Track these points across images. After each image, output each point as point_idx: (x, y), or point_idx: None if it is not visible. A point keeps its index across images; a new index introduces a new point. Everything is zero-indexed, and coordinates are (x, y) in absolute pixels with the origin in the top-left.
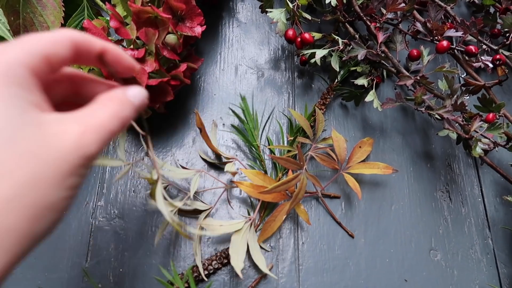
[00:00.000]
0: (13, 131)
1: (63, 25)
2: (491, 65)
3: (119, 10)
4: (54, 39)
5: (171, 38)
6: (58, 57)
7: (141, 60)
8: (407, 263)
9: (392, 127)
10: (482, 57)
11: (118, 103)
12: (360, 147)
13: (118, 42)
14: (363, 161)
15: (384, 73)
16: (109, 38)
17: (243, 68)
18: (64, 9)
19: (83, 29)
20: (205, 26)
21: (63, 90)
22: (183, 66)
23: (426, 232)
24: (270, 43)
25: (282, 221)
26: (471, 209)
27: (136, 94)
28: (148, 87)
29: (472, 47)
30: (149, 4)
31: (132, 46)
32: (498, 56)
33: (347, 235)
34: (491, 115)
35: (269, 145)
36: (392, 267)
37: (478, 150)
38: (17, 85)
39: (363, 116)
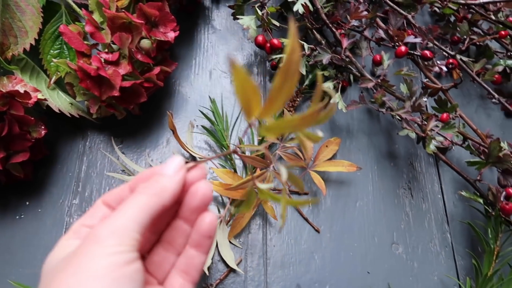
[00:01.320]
0: None
1: (41, 30)
2: (445, 69)
3: (96, 16)
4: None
5: (145, 43)
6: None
7: (115, 63)
8: (370, 256)
9: (358, 128)
10: (438, 62)
11: None
12: (326, 146)
13: (93, 46)
14: (330, 159)
15: (351, 77)
16: (85, 42)
17: (217, 73)
18: (42, 14)
19: (59, 34)
20: (178, 32)
21: None
22: (156, 69)
23: (389, 227)
24: (243, 49)
25: (250, 217)
26: (431, 205)
27: (171, 167)
28: (121, 89)
29: (427, 52)
30: (123, 10)
31: (107, 50)
32: (451, 61)
33: (313, 230)
34: (445, 115)
35: (240, 144)
36: (356, 260)
37: (431, 147)
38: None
39: (331, 118)
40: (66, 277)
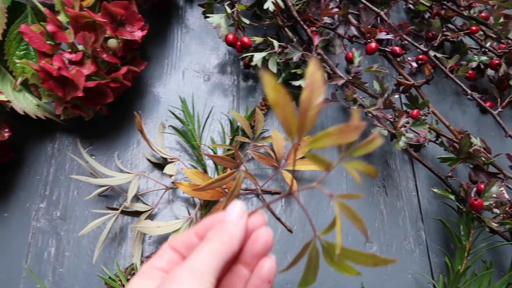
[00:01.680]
0: None
1: (5, 31)
2: (415, 65)
3: (62, 16)
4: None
5: (112, 42)
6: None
7: (79, 63)
8: None
9: (332, 126)
10: (409, 58)
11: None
12: (299, 145)
13: (57, 46)
14: (302, 158)
15: (325, 76)
16: (48, 42)
17: (190, 72)
18: (7, 15)
19: (21, 34)
20: (146, 31)
21: None
22: (123, 69)
23: None
24: (217, 48)
25: None
26: (405, 203)
27: (234, 213)
28: (86, 89)
29: (397, 48)
30: (86, 9)
31: (70, 50)
32: (420, 57)
33: (286, 230)
34: (415, 111)
35: (213, 147)
36: None
37: (401, 144)
38: None
39: None
40: None
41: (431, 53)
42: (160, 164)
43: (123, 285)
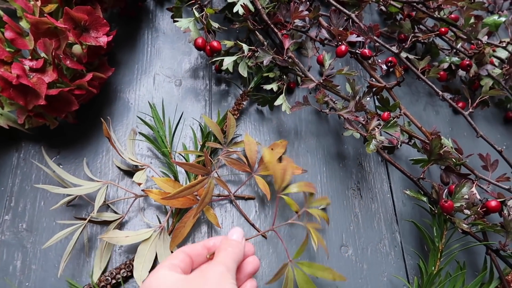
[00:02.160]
0: None
1: None
2: (385, 67)
3: (24, 23)
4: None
5: (76, 49)
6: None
7: (41, 71)
8: (318, 259)
9: (307, 129)
10: (379, 60)
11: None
12: (272, 149)
13: (16, 53)
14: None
15: (298, 79)
16: (7, 49)
17: (160, 77)
18: None
19: None
20: (111, 36)
21: None
22: (88, 76)
23: (338, 229)
24: (189, 53)
25: (191, 226)
26: (380, 205)
27: (235, 235)
28: (49, 97)
29: (366, 51)
30: (46, 15)
31: (30, 57)
32: (390, 59)
33: (261, 236)
34: (385, 114)
35: (185, 153)
36: None
37: (371, 147)
38: None
39: (279, 120)
40: None
41: (403, 54)
42: (131, 172)
43: None
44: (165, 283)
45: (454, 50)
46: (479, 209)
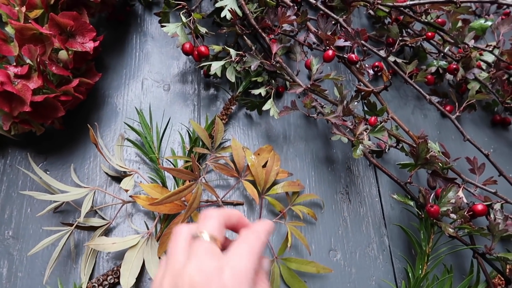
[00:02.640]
0: None
1: None
2: (372, 72)
3: (9, 29)
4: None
5: (62, 54)
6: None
7: (26, 77)
8: (307, 258)
9: (295, 134)
10: (366, 65)
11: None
12: (258, 154)
13: (0, 59)
14: (262, 167)
15: (287, 83)
16: None
17: (149, 82)
18: None
19: None
20: (98, 42)
21: None
22: (75, 82)
23: (326, 233)
24: (178, 57)
25: None
26: (369, 209)
27: (261, 229)
28: (34, 104)
29: (353, 56)
30: (31, 21)
31: (15, 63)
32: (376, 63)
33: None
34: (372, 118)
35: (173, 159)
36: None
37: (358, 152)
38: None
39: (267, 124)
40: None
41: (391, 58)
42: (119, 177)
43: None
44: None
45: (442, 54)
46: (465, 212)
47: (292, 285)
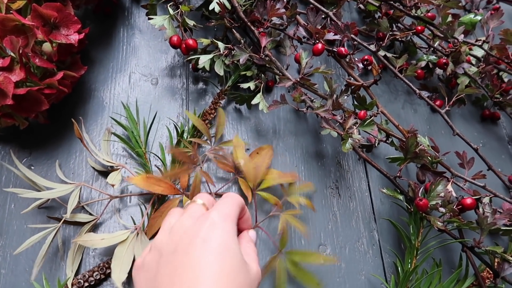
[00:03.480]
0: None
1: None
2: (361, 66)
3: None
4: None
5: (46, 47)
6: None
7: (8, 69)
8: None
9: (285, 128)
10: (356, 59)
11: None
12: (257, 153)
13: None
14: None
15: (277, 77)
16: None
17: (136, 76)
18: None
19: None
20: (83, 34)
21: None
22: (59, 75)
23: (316, 228)
24: (166, 51)
25: None
26: (359, 203)
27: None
28: (16, 97)
29: (342, 49)
30: (12, 12)
31: None
32: (366, 57)
33: None
34: (362, 112)
35: (161, 151)
36: None
37: (347, 145)
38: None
39: (257, 119)
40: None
41: (381, 53)
42: (106, 172)
43: None
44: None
45: (432, 49)
46: (454, 206)
47: (301, 277)
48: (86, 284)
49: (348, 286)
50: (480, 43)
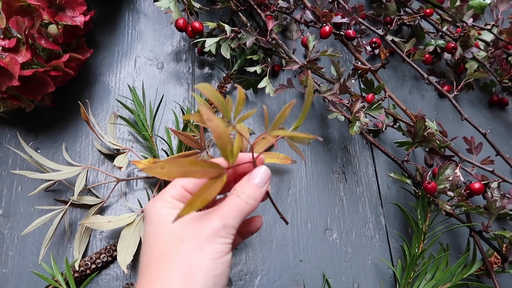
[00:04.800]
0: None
1: None
2: (369, 48)
3: None
4: None
5: (52, 28)
6: None
7: (14, 50)
8: (303, 243)
9: (291, 113)
10: (364, 42)
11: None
12: (263, 138)
13: None
14: (266, 151)
15: (283, 62)
16: None
17: (142, 60)
18: None
19: None
20: (88, 16)
21: None
22: (65, 57)
23: (322, 213)
24: (172, 35)
25: None
26: (365, 189)
27: (258, 177)
28: (23, 78)
29: (350, 31)
30: None
31: (2, 36)
32: (374, 40)
33: None
34: (370, 95)
35: (166, 135)
36: (288, 249)
37: (355, 128)
38: None
39: (263, 103)
40: (189, 248)
41: (389, 37)
42: (111, 155)
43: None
44: (168, 217)
45: (440, 33)
46: (463, 191)
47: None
48: (93, 266)
49: (355, 270)
50: (489, 27)
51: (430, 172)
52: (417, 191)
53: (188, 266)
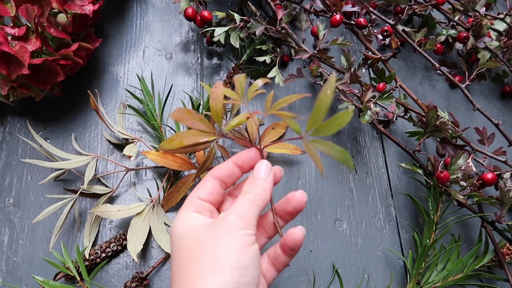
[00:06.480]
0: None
1: None
2: (381, 37)
3: None
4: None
5: (61, 17)
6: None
7: (24, 39)
8: (313, 234)
9: (301, 103)
10: (375, 30)
11: (254, 191)
12: (273, 128)
13: None
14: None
15: (292, 52)
16: None
17: (150, 51)
18: None
19: None
20: (97, 5)
21: None
22: (74, 46)
23: (332, 203)
24: (180, 26)
25: (186, 192)
26: (375, 179)
27: (262, 170)
28: (32, 67)
29: (361, 20)
30: None
31: (12, 24)
32: (386, 28)
33: None
34: (381, 85)
35: (175, 125)
36: None
37: (366, 117)
38: None
39: (274, 94)
40: (211, 248)
41: (400, 27)
42: (121, 145)
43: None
44: (181, 229)
45: (452, 23)
46: (475, 181)
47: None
48: (103, 255)
49: (365, 261)
50: (502, 17)
51: (442, 162)
52: (428, 181)
53: (216, 261)
